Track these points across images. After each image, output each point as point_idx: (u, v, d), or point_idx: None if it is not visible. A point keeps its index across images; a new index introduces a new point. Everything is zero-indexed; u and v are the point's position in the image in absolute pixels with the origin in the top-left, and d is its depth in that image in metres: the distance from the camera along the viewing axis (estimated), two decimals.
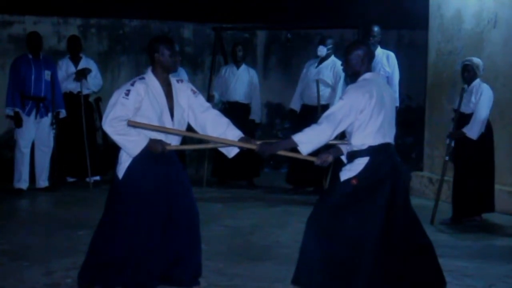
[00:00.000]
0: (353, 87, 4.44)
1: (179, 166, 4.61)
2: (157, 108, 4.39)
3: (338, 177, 4.43)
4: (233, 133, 4.54)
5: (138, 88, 4.35)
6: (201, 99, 4.60)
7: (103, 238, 4.47)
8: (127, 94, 4.32)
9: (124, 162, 4.43)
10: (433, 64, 8.93)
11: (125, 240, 4.38)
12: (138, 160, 4.38)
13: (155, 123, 4.39)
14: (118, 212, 4.42)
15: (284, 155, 4.62)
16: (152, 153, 4.38)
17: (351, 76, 4.54)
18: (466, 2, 8.34)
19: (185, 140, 5.03)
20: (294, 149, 4.45)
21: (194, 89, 4.62)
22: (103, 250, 4.44)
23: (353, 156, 4.41)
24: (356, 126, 4.37)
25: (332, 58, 8.56)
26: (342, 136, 4.69)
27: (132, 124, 4.35)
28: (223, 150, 4.67)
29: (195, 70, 11.12)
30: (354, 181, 4.34)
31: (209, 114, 4.58)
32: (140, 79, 4.44)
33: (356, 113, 4.33)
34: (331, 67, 8.48)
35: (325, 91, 8.35)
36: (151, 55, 4.49)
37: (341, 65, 4.92)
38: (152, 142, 4.37)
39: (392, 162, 4.42)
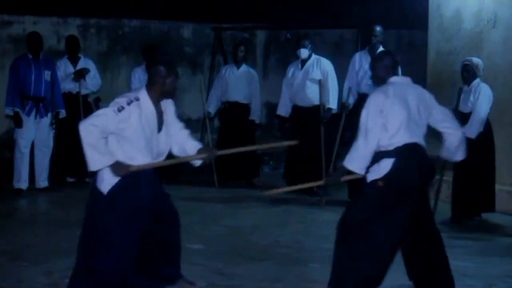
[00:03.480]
0: (372, 94, 4.55)
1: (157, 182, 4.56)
2: (147, 131, 4.31)
3: (365, 179, 4.43)
4: (192, 145, 4.58)
5: (132, 111, 4.24)
6: (176, 118, 4.60)
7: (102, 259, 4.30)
8: (119, 110, 4.21)
9: (108, 179, 4.30)
10: (432, 64, 8.92)
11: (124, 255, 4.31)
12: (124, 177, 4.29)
13: (142, 146, 4.30)
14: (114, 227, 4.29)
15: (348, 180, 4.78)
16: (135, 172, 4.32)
17: (377, 82, 4.65)
18: (465, 2, 8.33)
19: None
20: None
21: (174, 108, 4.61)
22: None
23: (379, 156, 4.41)
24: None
25: (314, 56, 8.51)
26: None
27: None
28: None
29: (195, 70, 11.13)
30: (380, 183, 4.35)
31: (182, 134, 4.61)
32: (136, 99, 4.29)
33: (379, 115, 4.37)
34: (316, 64, 8.43)
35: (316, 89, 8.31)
36: (153, 77, 4.38)
37: (370, 70, 4.97)
38: (116, 165, 4.25)
39: (419, 163, 4.41)
